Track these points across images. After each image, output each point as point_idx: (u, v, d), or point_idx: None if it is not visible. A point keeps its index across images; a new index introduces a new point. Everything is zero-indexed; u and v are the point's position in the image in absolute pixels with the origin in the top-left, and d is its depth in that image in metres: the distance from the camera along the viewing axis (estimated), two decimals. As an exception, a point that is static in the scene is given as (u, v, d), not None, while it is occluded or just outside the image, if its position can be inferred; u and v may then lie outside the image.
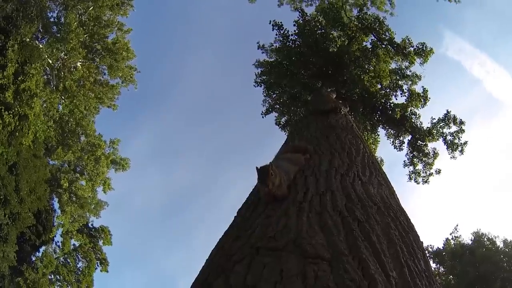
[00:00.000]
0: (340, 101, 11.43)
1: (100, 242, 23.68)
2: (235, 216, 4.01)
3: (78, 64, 17.75)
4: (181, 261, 71.68)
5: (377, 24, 15.71)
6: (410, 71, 15.67)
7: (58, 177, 18.46)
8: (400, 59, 15.51)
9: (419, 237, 3.40)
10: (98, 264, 23.88)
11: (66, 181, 17.95)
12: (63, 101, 17.06)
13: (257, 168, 3.37)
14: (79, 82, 17.51)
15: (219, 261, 2.52)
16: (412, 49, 15.15)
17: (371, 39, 16.08)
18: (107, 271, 24.42)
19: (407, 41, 15.24)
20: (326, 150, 4.75)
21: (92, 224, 23.67)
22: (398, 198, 4.32)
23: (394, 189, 4.70)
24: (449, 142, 14.34)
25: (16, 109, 16.40)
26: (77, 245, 23.60)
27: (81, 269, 23.52)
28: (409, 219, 3.66)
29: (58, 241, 25.00)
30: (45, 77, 17.39)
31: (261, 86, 17.31)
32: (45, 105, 16.40)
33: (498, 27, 47.82)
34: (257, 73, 17.43)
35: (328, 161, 4.22)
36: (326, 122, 6.93)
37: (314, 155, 4.49)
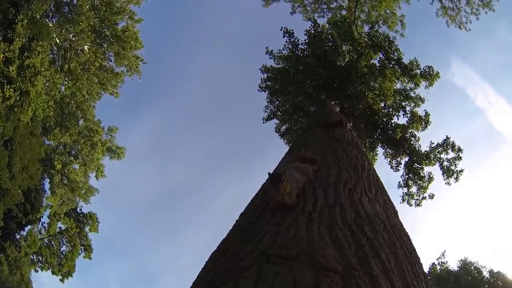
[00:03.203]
0: (344, 116, 11.48)
1: (87, 228, 23.51)
2: (237, 220, 4.00)
3: (86, 47, 17.69)
4: (165, 257, 71.39)
5: (386, 43, 15.80)
6: (414, 93, 15.71)
7: (52, 158, 18.30)
8: (406, 80, 15.59)
9: (420, 258, 3.43)
10: (82, 250, 23.72)
11: (59, 163, 17.76)
12: (66, 82, 16.91)
13: (270, 173, 3.39)
14: (84, 66, 17.40)
15: (226, 266, 2.49)
16: (418, 71, 15.26)
17: (379, 57, 16.17)
18: (90, 258, 24.27)
19: (415, 63, 15.34)
20: (334, 163, 4.77)
21: (80, 209, 23.53)
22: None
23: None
24: (445, 168, 14.42)
25: (18, 84, 16.25)
26: (63, 228, 23.44)
27: (64, 253, 23.34)
28: (411, 240, 3.69)
29: (44, 222, 24.83)
30: (51, 56, 17.31)
31: (265, 92, 17.27)
32: (47, 84, 16.25)
33: (505, 60, 48.38)
34: (262, 78, 17.40)
35: (336, 174, 4.24)
36: (332, 134, 6.96)
37: (322, 166, 4.52)
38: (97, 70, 17.49)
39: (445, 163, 14.47)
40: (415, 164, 15.09)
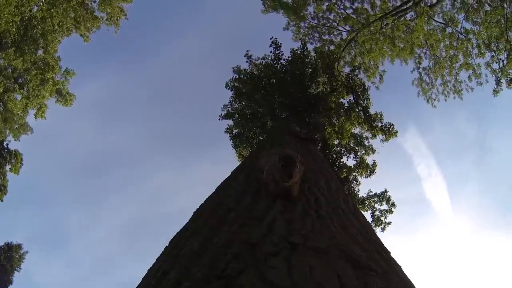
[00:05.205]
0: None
1: (7, 167, 21.41)
2: (216, 199, 3.91)
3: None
4: (82, 221, 68.05)
5: (361, 89, 16.63)
6: (368, 142, 16.55)
7: (-4, 78, 16.74)
8: (366, 128, 16.40)
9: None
10: None
11: (1, 86, 16.21)
12: (41, 3, 15.62)
13: (283, 154, 3.10)
14: None
15: (232, 250, 2.18)
16: (380, 124, 16.17)
17: (350, 99, 16.94)
18: (2, 200, 21.95)
19: (379, 116, 16.26)
20: (318, 170, 4.93)
21: (7, 145, 21.47)
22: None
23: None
24: (375, 217, 15.20)
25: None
26: None
27: None
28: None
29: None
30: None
31: (231, 90, 17.24)
32: (21, -3, 14.92)
33: (454, 144, 53.76)
34: (233, 77, 17.36)
35: (325, 180, 4.40)
36: (306, 148, 7.17)
37: (308, 170, 4.64)
38: (77, 5, 16.37)
39: (377, 213, 15.27)
40: (349, 206, 15.73)
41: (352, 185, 15.81)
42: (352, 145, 16.52)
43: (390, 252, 2.99)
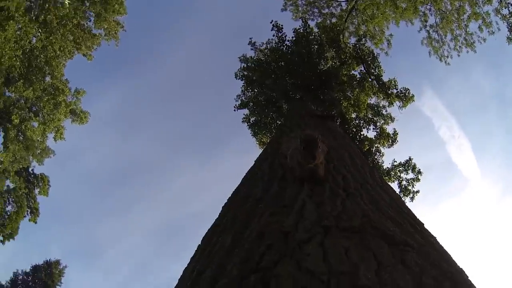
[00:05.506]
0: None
1: (36, 191, 21.84)
2: (243, 191, 3.81)
3: (67, 1, 16.61)
4: (113, 232, 69.56)
5: (370, 58, 16.26)
6: (386, 111, 16.21)
7: (11, 111, 17.00)
8: (382, 97, 16.06)
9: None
10: (28, 212, 21.97)
11: (17, 117, 16.49)
12: (39, 34, 15.84)
13: (303, 136, 3.03)
14: (61, 20, 16.38)
15: (267, 241, 2.11)
16: (395, 91, 15.80)
17: (361, 70, 16.60)
18: (36, 222, 22.48)
19: (393, 83, 15.88)
20: (340, 146, 4.80)
21: (32, 170, 21.91)
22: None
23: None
24: (403, 186, 14.91)
25: (-13, 26, 14.97)
26: (12, 187, 21.73)
27: (9, 213, 21.61)
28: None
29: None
30: (28, 3, 16.13)
31: (242, 80, 17.11)
32: (19, 32, 15.16)
33: (473, 101, 51.89)
34: (241, 67, 17.22)
35: (349, 155, 4.27)
36: (326, 125, 7.04)
37: (330, 148, 4.51)
38: (74, 28, 16.49)
39: (404, 183, 14.98)
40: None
41: (376, 157, 15.55)
42: (370, 116, 16.23)
43: (423, 224, 2.93)
